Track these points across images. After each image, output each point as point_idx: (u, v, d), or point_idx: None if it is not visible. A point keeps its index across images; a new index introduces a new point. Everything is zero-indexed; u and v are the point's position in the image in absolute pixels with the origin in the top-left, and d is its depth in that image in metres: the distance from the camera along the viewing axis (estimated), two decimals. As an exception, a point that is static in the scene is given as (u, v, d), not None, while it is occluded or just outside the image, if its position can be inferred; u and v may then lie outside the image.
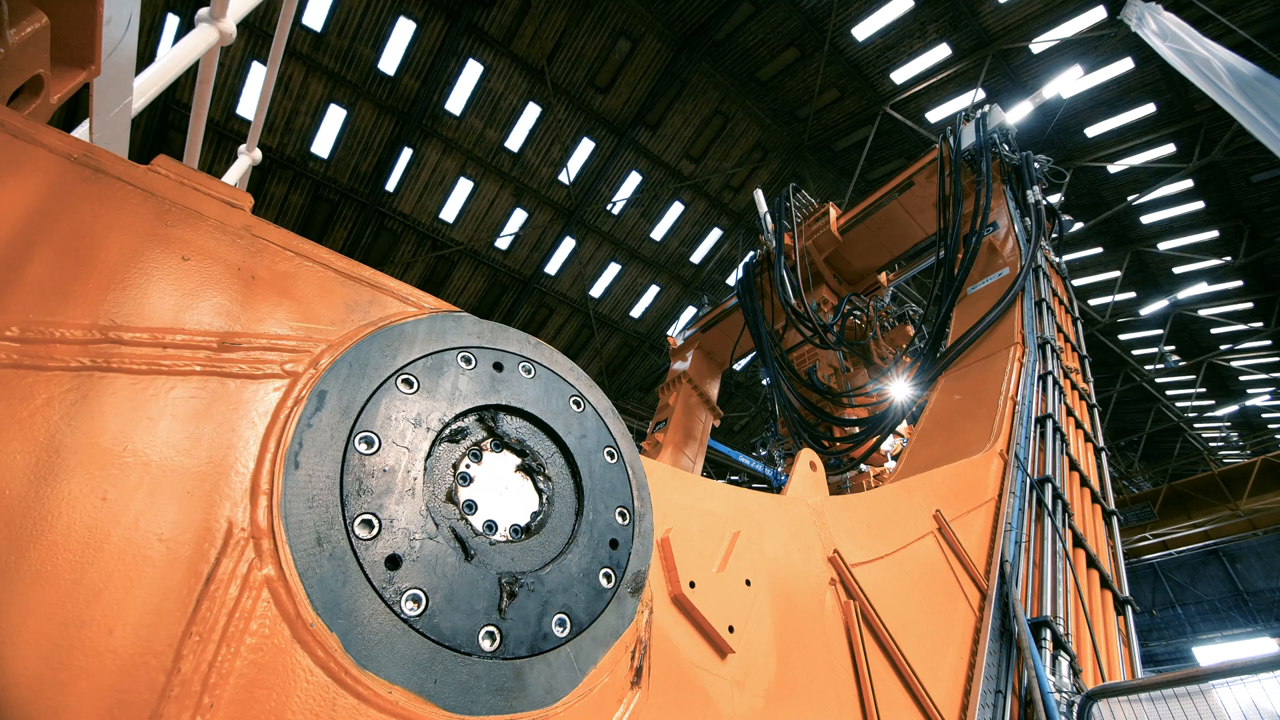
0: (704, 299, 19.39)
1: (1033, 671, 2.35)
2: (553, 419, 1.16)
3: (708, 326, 13.07)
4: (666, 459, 11.31)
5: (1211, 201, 16.41)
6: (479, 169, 16.56)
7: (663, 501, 1.62)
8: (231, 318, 0.86)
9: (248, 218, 0.93)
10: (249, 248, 0.92)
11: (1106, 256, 19.03)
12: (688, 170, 18.58)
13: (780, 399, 10.74)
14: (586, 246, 18.99)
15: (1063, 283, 8.47)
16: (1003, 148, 9.22)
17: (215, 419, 0.79)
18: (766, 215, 12.24)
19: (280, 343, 0.88)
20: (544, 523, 1.05)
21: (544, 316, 19.89)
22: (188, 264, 0.85)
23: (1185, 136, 14.86)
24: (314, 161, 15.00)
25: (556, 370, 1.23)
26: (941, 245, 8.62)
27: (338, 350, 0.93)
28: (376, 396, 0.94)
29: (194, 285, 0.84)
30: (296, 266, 0.96)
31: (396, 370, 0.99)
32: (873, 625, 2.01)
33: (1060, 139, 15.89)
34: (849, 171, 18.69)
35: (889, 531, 2.43)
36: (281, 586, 0.74)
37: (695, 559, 1.57)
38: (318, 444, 0.85)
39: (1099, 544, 4.19)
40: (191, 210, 0.88)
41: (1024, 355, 5.75)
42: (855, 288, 12.13)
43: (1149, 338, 22.20)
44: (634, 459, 1.27)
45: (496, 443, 1.08)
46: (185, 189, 0.89)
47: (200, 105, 1.83)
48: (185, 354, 0.80)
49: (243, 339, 0.85)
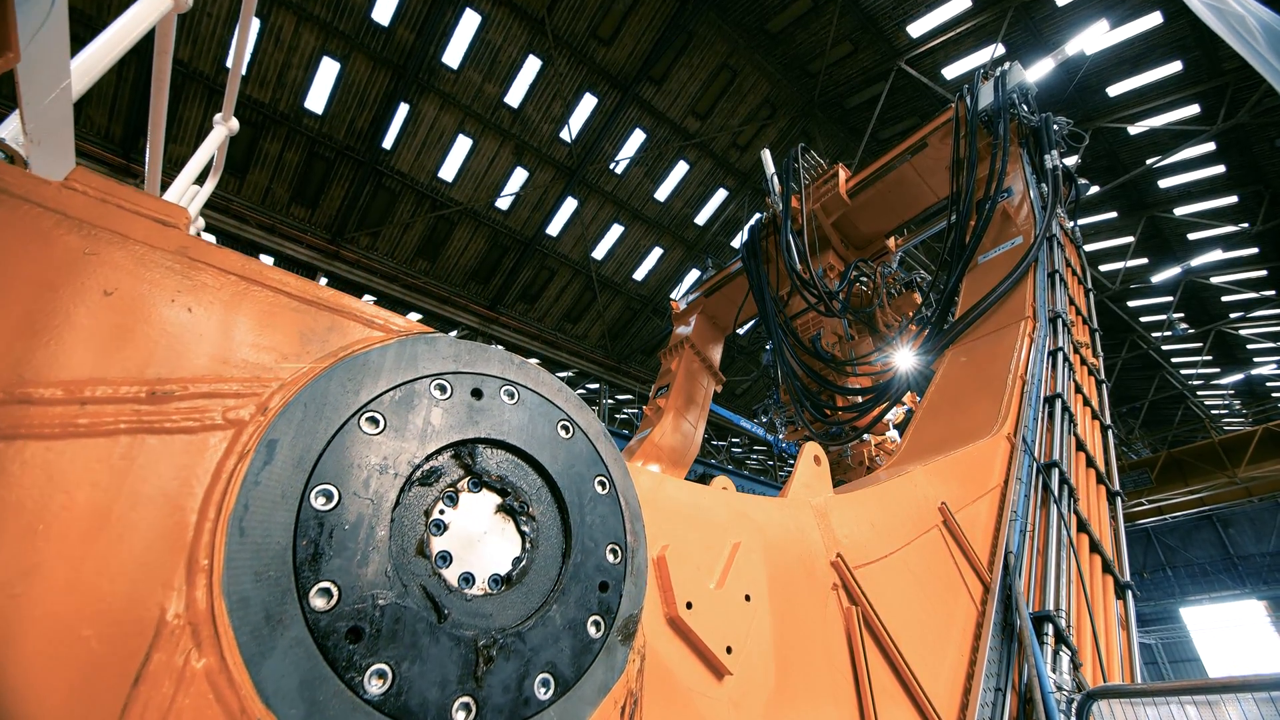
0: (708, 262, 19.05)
1: (1034, 669, 2.32)
2: (538, 450, 1.06)
3: (711, 291, 12.87)
4: (668, 425, 11.31)
5: (1233, 166, 15.88)
6: (478, 125, 16.06)
7: (660, 514, 1.54)
8: (164, 361, 0.75)
9: (184, 237, 0.81)
10: (185, 274, 0.80)
11: (1121, 221, 18.58)
12: (693, 128, 18.01)
13: (783, 366, 10.64)
14: (589, 207, 18.60)
15: (1076, 252, 8.25)
16: (1022, 109, 8.84)
17: (146, 486, 0.69)
18: (774, 177, 11.88)
19: (223, 386, 0.78)
20: (526, 570, 0.97)
21: (545, 279, 19.64)
22: (111, 299, 0.74)
23: (1211, 97, 14.26)
24: (308, 118, 14.54)
25: (543, 393, 1.12)
26: (954, 210, 8.34)
27: (291, 389, 0.83)
28: (337, 441, 0.84)
29: (119, 325, 0.73)
30: (241, 293, 0.84)
31: (360, 408, 0.89)
32: (874, 629, 1.96)
33: (1081, 98, 15.27)
34: (860, 131, 18.10)
35: (894, 528, 2.37)
36: (223, 678, 0.65)
37: (693, 576, 1.49)
38: (266, 505, 0.75)
39: (1102, 526, 4.15)
40: (115, 233, 0.76)
41: (1034, 330, 5.62)
42: (863, 253, 11.86)
43: (1158, 305, 21.90)
44: (627, 486, 1.18)
45: (475, 481, 0.98)
46: (108, 208, 0.77)
47: (159, 82, 1.67)
48: (108, 410, 0.69)
49: (178, 385, 0.75)
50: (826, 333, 10.48)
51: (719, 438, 26.08)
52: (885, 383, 8.88)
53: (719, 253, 21.07)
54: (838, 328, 10.48)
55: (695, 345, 12.55)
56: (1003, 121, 8.52)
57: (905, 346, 9.35)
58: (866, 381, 9.98)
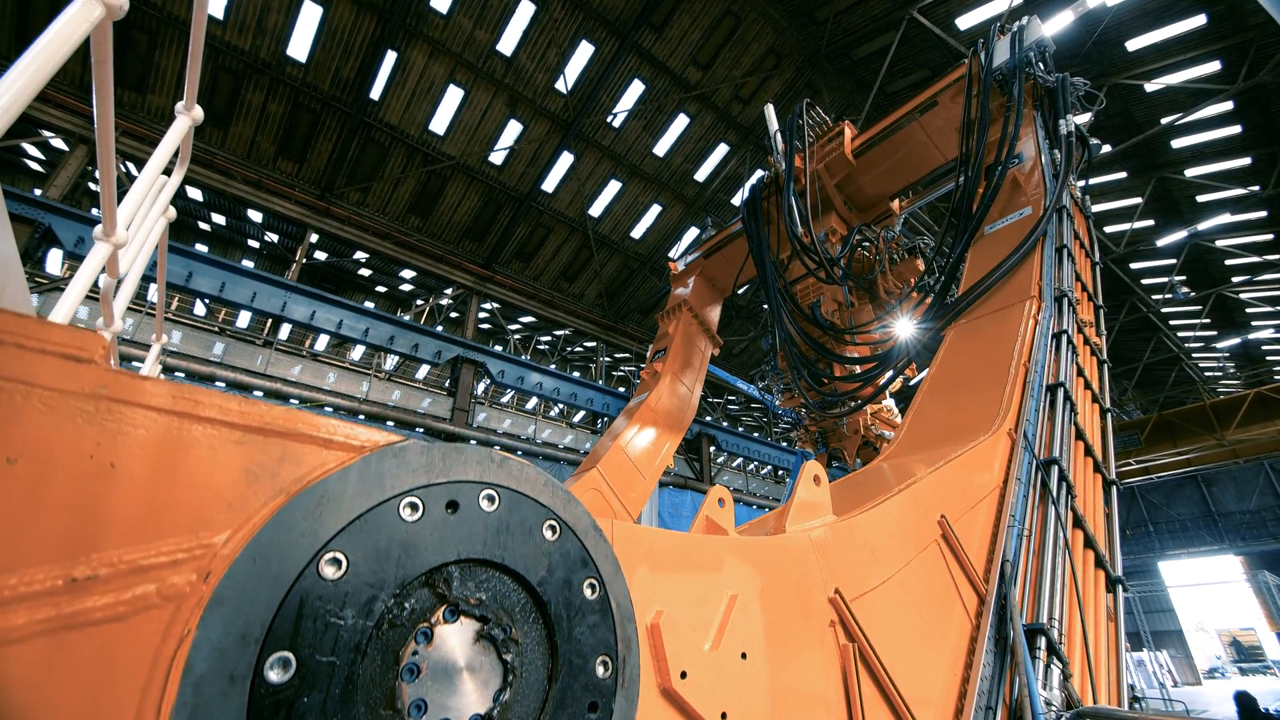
0: (707, 220, 18.63)
1: (1024, 686, 2.33)
2: (522, 562, 0.97)
3: (710, 252, 12.61)
4: (665, 389, 11.28)
5: (1250, 126, 15.40)
6: (469, 75, 15.37)
7: (656, 575, 1.48)
8: (86, 536, 0.65)
9: (100, 374, 0.70)
10: (105, 421, 0.69)
11: (1130, 182, 18.15)
12: (695, 78, 17.29)
13: (781, 333, 10.53)
14: (585, 162, 18.04)
15: (1085, 223, 8.04)
16: (1038, 67, 8.44)
17: (69, 696, 0.60)
18: (777, 134, 11.46)
19: (157, 556, 0.68)
20: (510, 705, 0.90)
21: (541, 236, 19.24)
22: (15, 468, 0.63)
23: (1234, 53, 13.67)
24: (291, 66, 13.87)
25: (526, 491, 1.03)
26: (962, 173, 8.04)
27: (237, 543, 0.73)
28: (293, 596, 0.75)
29: (26, 500, 0.63)
30: (175, 433, 0.73)
31: (319, 549, 0.79)
32: (870, 664, 1.94)
33: (1098, 51, 14.64)
34: (868, 83, 17.41)
35: (893, 551, 2.33)
36: None
37: (688, 639, 1.44)
38: (213, 696, 0.67)
39: (1096, 518, 4.16)
40: (17, 381, 0.65)
41: (1039, 312, 5.51)
42: (866, 216, 11.58)
43: (1161, 267, 21.67)
44: (618, 584, 1.10)
45: (451, 610, 0.90)
46: (5, 349, 0.65)
47: (103, 94, 1.50)
48: (20, 610, 0.60)
49: (103, 564, 0.65)
50: (826, 300, 10.33)
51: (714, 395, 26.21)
52: (885, 353, 8.80)
53: (719, 211, 20.62)
54: (838, 295, 10.32)
55: (693, 307, 12.39)
56: (1017, 82, 8.14)
57: (906, 316, 9.24)
58: (865, 351, 9.91)
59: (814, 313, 10.31)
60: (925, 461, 3.33)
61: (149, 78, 13.04)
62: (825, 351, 9.83)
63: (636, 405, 10.83)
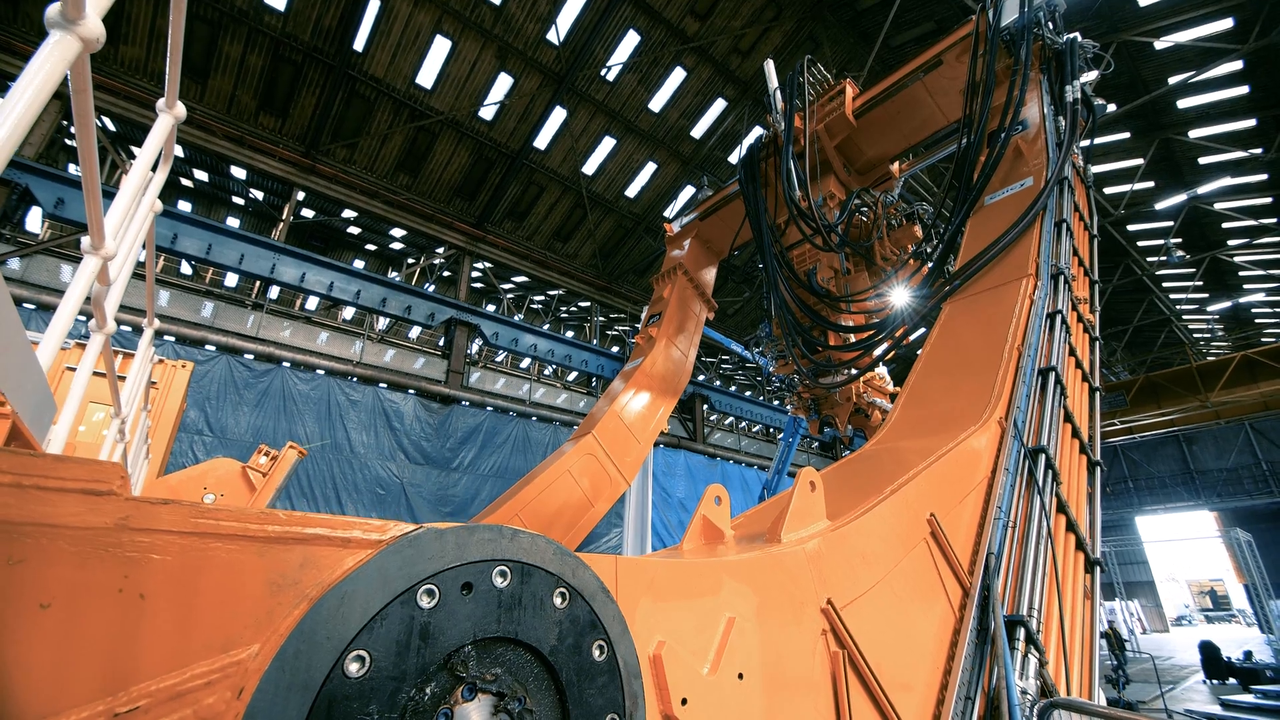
0: (704, 179, 18.25)
1: (1003, 677, 2.46)
2: (534, 634, 1.02)
3: (706, 214, 12.43)
4: (660, 353, 11.31)
5: (1257, 87, 15.08)
6: (456, 25, 14.72)
7: (658, 606, 1.53)
8: (122, 672, 0.67)
9: (121, 505, 0.71)
10: (130, 553, 0.70)
11: (1132, 143, 17.86)
12: (692, 29, 16.64)
13: (777, 299, 10.49)
14: (579, 118, 17.51)
15: (1086, 193, 7.95)
16: (1047, 27, 8.17)
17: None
18: (776, 92, 11.13)
19: (191, 683, 0.71)
20: (525, 774, 0.95)
21: (534, 195, 18.85)
22: (49, 613, 0.65)
23: (1247, 9, 13.26)
24: (270, 15, 13.21)
25: (536, 563, 1.06)
26: (965, 135, 7.87)
27: (265, 656, 0.76)
28: (320, 704, 0.79)
29: (64, 641, 0.65)
30: (197, 555, 0.75)
31: (343, 650, 0.82)
32: (859, 669, 2.04)
33: (1109, 6, 14.15)
34: (871, 36, 16.82)
35: (884, 554, 2.41)
36: None
37: (688, 665, 1.51)
38: (248, 811, 0.71)
39: (1079, 501, 4.28)
40: (41, 525, 0.66)
41: (1035, 291, 5.52)
42: (865, 179, 11.39)
43: (1157, 229, 21.57)
44: (625, 643, 1.15)
45: (469, 689, 0.94)
46: (25, 495, 0.66)
47: (84, 123, 1.45)
48: (62, 752, 0.63)
49: (141, 698, 0.68)
50: (823, 267, 10.27)
51: (709, 354, 26.30)
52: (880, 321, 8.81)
53: (716, 169, 20.20)
54: (834, 262, 10.25)
55: (688, 270, 12.31)
56: (1025, 43, 7.89)
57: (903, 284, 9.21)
58: (861, 319, 9.92)
59: (810, 279, 10.25)
60: (919, 452, 3.40)
61: (120, 26, 12.42)
62: (820, 319, 9.83)
63: (632, 370, 10.87)
